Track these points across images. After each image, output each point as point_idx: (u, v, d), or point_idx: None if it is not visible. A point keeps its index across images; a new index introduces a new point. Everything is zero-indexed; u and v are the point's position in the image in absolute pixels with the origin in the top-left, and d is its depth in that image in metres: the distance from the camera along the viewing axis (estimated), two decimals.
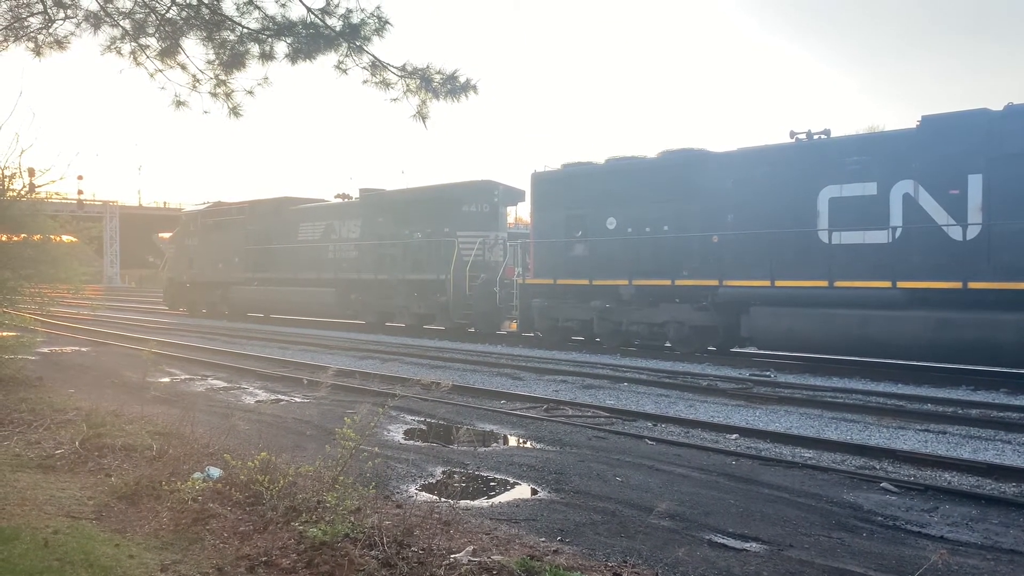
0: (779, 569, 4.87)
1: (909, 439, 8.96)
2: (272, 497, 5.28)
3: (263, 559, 4.58)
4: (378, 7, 6.63)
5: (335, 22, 6.53)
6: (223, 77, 7.02)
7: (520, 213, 27.45)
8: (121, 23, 7.06)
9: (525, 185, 20.91)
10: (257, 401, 11.62)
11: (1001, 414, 10.18)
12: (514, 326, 21.51)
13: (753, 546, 5.32)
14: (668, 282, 16.67)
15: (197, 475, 5.99)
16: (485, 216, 22.75)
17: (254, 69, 7.10)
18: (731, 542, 5.39)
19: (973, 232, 12.84)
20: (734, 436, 9.11)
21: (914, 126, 13.77)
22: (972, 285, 12.66)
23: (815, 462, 7.83)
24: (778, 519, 5.91)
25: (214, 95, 7.24)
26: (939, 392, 11.89)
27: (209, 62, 7.05)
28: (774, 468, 7.56)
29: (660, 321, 17.12)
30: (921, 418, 10.03)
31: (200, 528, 5.12)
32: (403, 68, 6.58)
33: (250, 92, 7.25)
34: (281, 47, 6.79)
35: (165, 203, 77.53)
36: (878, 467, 7.68)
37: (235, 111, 7.28)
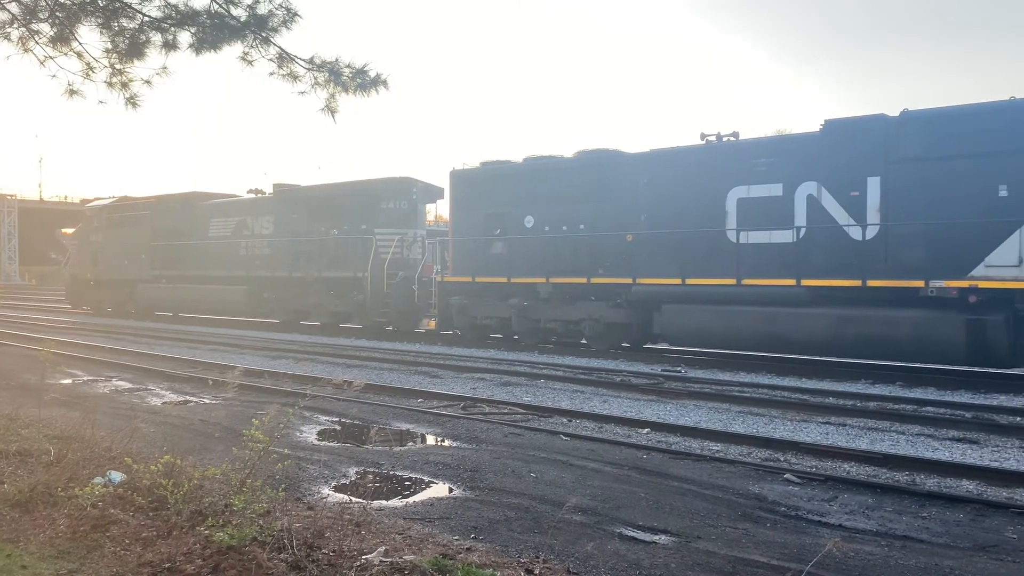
0: (686, 561, 4.99)
1: (811, 431, 9.31)
2: (177, 501, 5.12)
3: (167, 565, 4.44)
4: None
5: (240, 12, 6.36)
6: (119, 66, 6.75)
7: (440, 211, 27.37)
8: (8, 7, 6.71)
9: (444, 183, 20.89)
10: (164, 403, 11.25)
11: (896, 406, 10.69)
12: (433, 324, 21.44)
13: (662, 538, 5.44)
14: (584, 280, 16.90)
15: (97, 480, 5.76)
16: (403, 213, 22.59)
17: (156, 59, 6.85)
18: (641, 535, 5.50)
19: (872, 232, 13.44)
20: (646, 430, 9.29)
21: (818, 130, 14.32)
22: (871, 283, 13.25)
23: (723, 455, 8.06)
24: (687, 511, 6.06)
25: (110, 84, 6.96)
26: (840, 386, 12.39)
27: (106, 51, 6.77)
28: (684, 461, 7.75)
29: (577, 318, 17.33)
30: (823, 411, 10.44)
31: (100, 535, 4.92)
32: (311, 61, 6.47)
33: (147, 82, 6.99)
34: (185, 37, 6.57)
35: (67, 197, 74.12)
36: (782, 459, 7.95)
37: (132, 101, 7.01)
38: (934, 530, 5.71)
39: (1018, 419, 9.83)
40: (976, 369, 13.05)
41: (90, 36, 6.97)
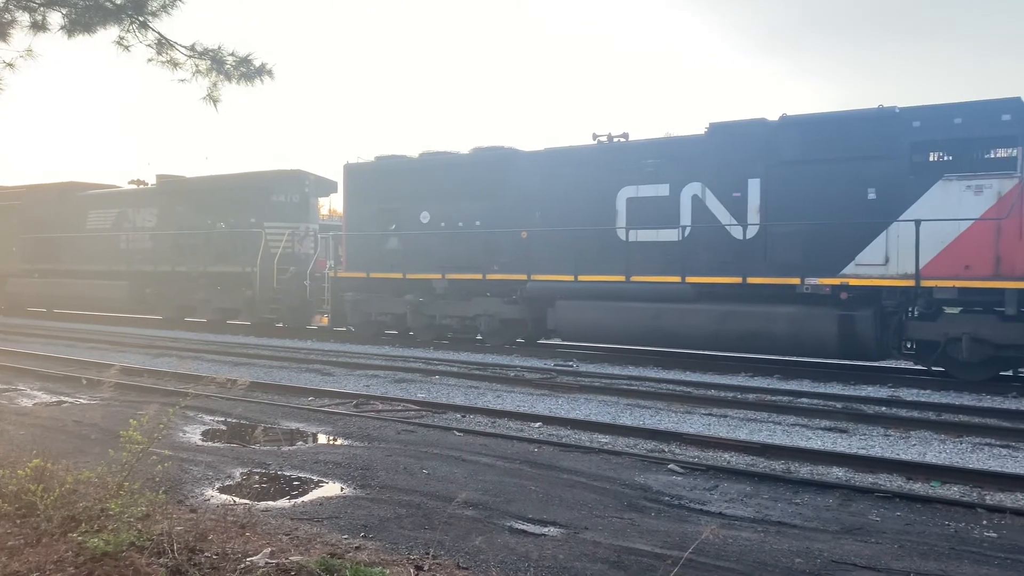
0: (574, 551, 5.11)
1: (695, 423, 9.67)
2: (47, 507, 4.87)
3: (35, 574, 4.22)
4: None
5: None
6: None
7: (334, 205, 26.90)
8: None
9: (338, 176, 20.54)
10: (35, 403, 10.66)
11: (774, 398, 11.23)
12: (325, 320, 21.06)
13: (551, 530, 5.54)
14: (480, 276, 16.96)
15: None
16: (295, 207, 22.10)
17: (23, 40, 6.45)
18: (530, 527, 5.59)
19: (752, 232, 14.04)
20: (538, 424, 9.44)
21: (703, 132, 14.83)
22: (751, 280, 13.85)
23: (611, 447, 8.27)
24: (575, 503, 6.19)
25: None
26: (722, 379, 12.90)
27: None
28: (573, 454, 7.91)
29: (472, 314, 17.40)
30: (706, 403, 10.85)
31: None
32: (192, 48, 6.24)
33: (10, 65, 6.58)
34: (55, 17, 6.21)
35: None
36: (667, 450, 8.23)
37: None
38: (806, 515, 6.04)
39: (883, 409, 10.49)
40: (847, 362, 13.83)
41: None
